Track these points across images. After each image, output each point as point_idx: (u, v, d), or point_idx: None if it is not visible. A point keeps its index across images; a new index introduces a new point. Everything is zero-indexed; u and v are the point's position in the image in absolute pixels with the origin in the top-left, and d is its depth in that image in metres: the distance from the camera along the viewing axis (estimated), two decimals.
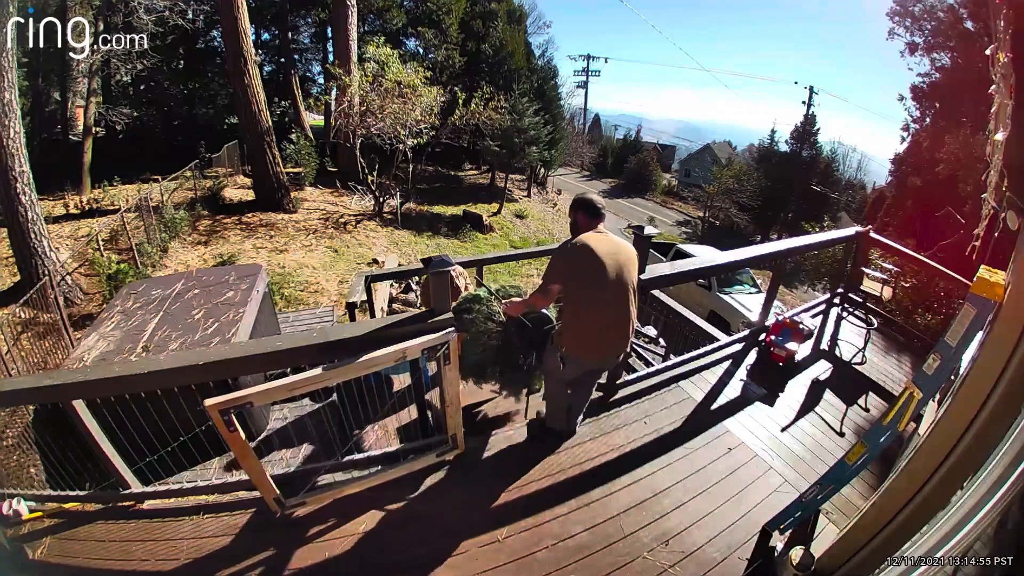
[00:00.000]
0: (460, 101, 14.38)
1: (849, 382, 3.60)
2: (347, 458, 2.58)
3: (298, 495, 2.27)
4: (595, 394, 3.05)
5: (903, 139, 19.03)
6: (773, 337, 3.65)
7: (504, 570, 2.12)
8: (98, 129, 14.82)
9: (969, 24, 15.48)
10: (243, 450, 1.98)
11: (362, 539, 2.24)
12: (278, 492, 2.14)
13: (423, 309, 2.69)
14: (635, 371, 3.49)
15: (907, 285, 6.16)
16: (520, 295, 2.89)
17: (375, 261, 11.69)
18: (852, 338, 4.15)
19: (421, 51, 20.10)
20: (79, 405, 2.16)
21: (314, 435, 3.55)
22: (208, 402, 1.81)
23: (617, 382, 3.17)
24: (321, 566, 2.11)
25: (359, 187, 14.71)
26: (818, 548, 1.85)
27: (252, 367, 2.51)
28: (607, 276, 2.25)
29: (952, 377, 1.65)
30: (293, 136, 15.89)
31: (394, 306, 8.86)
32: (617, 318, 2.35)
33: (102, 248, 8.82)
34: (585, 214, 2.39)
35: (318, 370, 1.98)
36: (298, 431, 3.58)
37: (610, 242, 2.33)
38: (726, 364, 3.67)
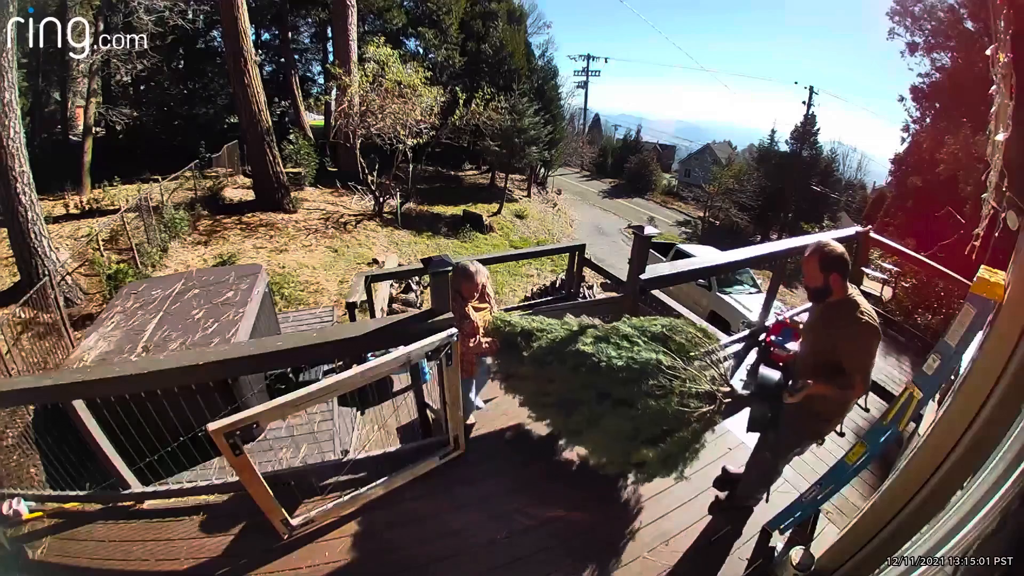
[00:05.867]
0: (460, 101, 14.37)
1: None
2: (349, 458, 2.58)
3: (306, 512, 2.24)
4: None
5: (903, 139, 19.04)
6: (773, 337, 3.65)
7: (504, 570, 2.13)
8: (98, 129, 14.82)
9: (969, 24, 15.47)
10: (251, 476, 1.94)
11: (363, 540, 2.24)
12: (285, 514, 2.13)
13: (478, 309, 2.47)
14: None
15: (907, 285, 6.17)
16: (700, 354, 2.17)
17: (375, 261, 11.69)
18: None
19: (421, 51, 20.07)
20: (79, 405, 2.16)
21: (316, 433, 3.55)
22: (211, 426, 1.72)
23: None
24: (322, 566, 2.11)
25: (359, 187, 14.70)
26: (818, 548, 1.85)
27: (252, 367, 2.52)
28: None
29: (952, 377, 1.65)
30: (293, 136, 15.89)
31: (394, 306, 8.87)
32: None
33: (102, 248, 8.82)
34: (843, 274, 1.88)
35: (323, 383, 1.94)
36: (299, 429, 3.58)
37: None
38: (726, 364, 3.67)
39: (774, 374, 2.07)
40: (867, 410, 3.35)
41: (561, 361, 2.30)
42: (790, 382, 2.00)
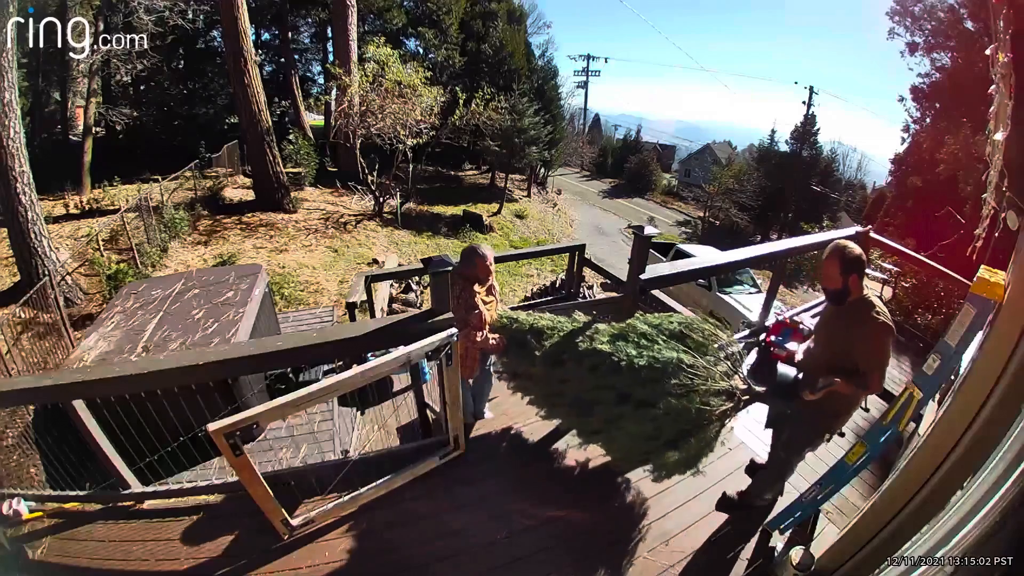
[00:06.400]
0: (460, 101, 14.37)
1: None
2: (349, 458, 2.58)
3: (306, 512, 2.24)
4: None
5: (903, 140, 19.04)
6: (773, 337, 3.65)
7: (504, 570, 2.13)
8: (98, 129, 14.81)
9: (969, 24, 15.47)
10: (251, 476, 1.93)
11: (364, 539, 2.24)
12: (285, 514, 2.13)
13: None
14: None
15: (907, 285, 6.17)
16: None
17: (375, 261, 11.69)
18: None
19: (421, 51, 20.06)
20: (79, 405, 2.16)
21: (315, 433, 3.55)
22: (211, 427, 1.72)
23: None
24: (322, 566, 2.11)
25: (359, 187, 14.70)
26: (818, 548, 1.85)
27: (252, 367, 2.51)
28: None
29: (952, 377, 1.65)
30: (293, 136, 15.88)
31: (394, 306, 8.87)
32: None
33: (102, 248, 8.82)
34: (861, 275, 1.92)
35: (323, 383, 1.94)
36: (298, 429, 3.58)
37: None
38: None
39: (790, 371, 2.09)
40: (867, 410, 3.35)
41: (577, 360, 2.25)
42: (801, 378, 2.02)
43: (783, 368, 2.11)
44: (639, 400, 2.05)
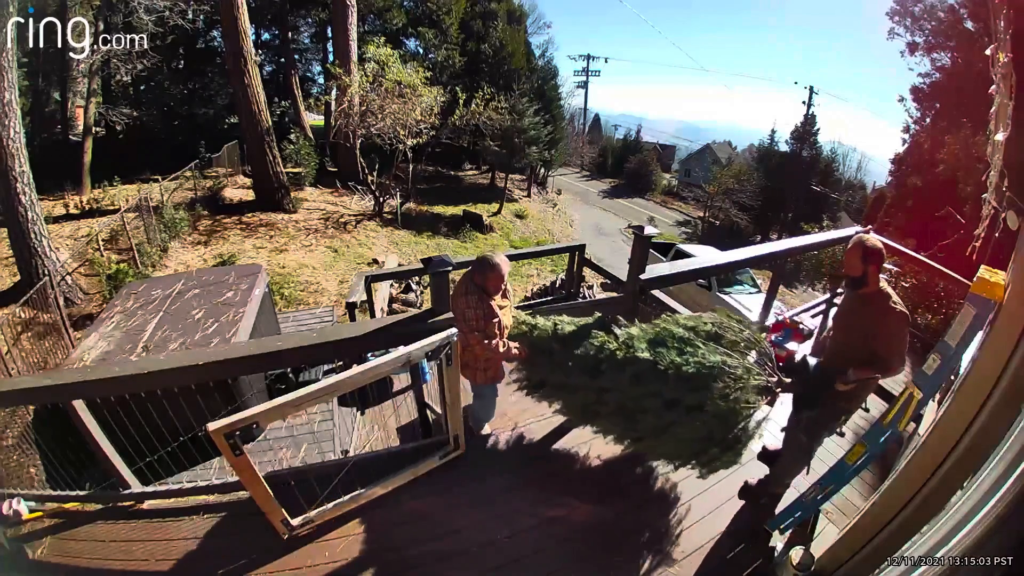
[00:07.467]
0: (460, 101, 14.37)
1: None
2: (348, 456, 2.58)
3: (305, 513, 2.23)
4: None
5: (904, 140, 19.02)
6: (773, 337, 3.64)
7: (505, 570, 2.13)
8: (98, 129, 14.80)
9: (969, 24, 15.46)
10: (251, 476, 1.93)
11: (363, 539, 2.24)
12: (285, 514, 2.13)
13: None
14: None
15: (907, 285, 6.16)
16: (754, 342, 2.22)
17: (375, 261, 11.69)
18: None
19: (421, 51, 20.06)
20: (79, 405, 2.16)
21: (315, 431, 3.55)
22: (211, 426, 1.72)
23: None
24: (322, 566, 2.11)
25: (359, 187, 14.70)
26: (818, 548, 1.85)
27: (252, 367, 2.52)
28: None
29: (952, 377, 1.65)
30: (293, 136, 15.88)
31: (394, 306, 8.86)
32: None
33: (102, 248, 8.82)
34: (879, 267, 2.02)
35: (323, 383, 1.95)
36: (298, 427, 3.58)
37: None
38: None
39: (812, 361, 2.21)
40: (867, 410, 3.34)
41: (618, 368, 2.19)
42: (827, 367, 2.12)
43: (810, 359, 2.23)
44: (689, 406, 2.07)
